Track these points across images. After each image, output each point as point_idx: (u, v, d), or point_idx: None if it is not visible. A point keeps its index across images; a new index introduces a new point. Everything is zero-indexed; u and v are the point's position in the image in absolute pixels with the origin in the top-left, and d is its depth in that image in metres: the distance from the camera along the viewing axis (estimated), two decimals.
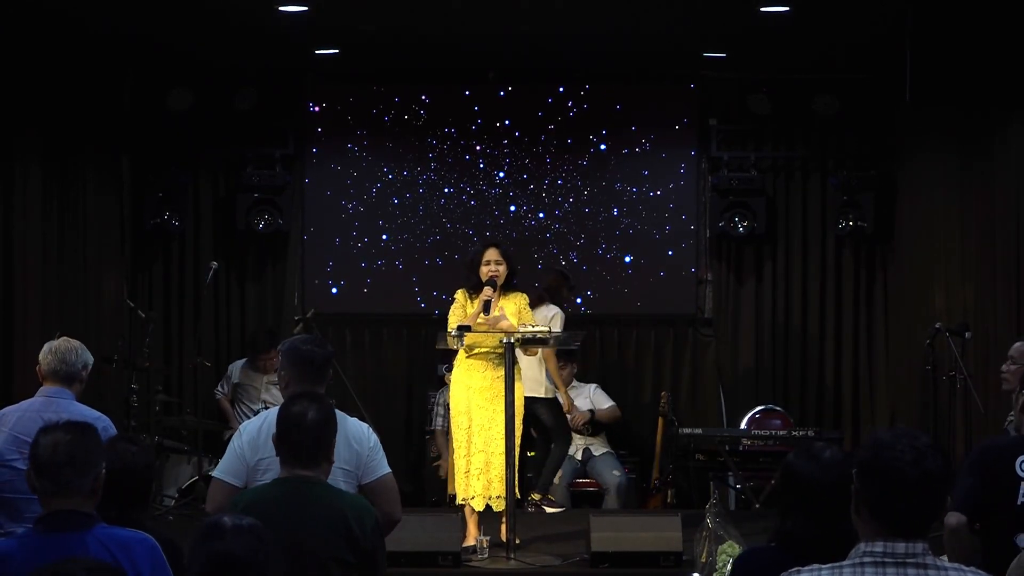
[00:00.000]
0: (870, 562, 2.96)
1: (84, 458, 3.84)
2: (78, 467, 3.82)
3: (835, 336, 11.02)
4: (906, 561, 2.95)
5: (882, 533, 2.98)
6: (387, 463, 4.92)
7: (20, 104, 9.04)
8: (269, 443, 4.48)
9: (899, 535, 2.96)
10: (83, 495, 3.82)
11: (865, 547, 2.99)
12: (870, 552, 2.97)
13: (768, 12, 8.64)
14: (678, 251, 11.08)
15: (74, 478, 3.82)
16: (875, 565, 2.96)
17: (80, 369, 5.71)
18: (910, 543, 2.96)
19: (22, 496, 5.47)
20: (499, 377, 7.63)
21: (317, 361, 4.89)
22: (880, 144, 10.85)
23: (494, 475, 7.62)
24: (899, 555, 2.95)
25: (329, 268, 11.06)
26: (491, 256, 7.71)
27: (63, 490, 3.82)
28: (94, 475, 3.84)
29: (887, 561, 2.95)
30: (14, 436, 5.54)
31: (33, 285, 9.13)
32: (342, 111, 11.03)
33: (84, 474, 3.83)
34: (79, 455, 3.84)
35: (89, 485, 3.83)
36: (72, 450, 3.84)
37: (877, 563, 2.96)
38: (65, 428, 3.92)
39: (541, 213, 11.05)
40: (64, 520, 3.79)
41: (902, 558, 2.95)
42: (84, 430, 3.93)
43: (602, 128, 11.02)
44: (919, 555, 2.95)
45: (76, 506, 3.81)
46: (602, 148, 11.04)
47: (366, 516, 4.24)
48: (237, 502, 4.31)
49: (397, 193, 11.05)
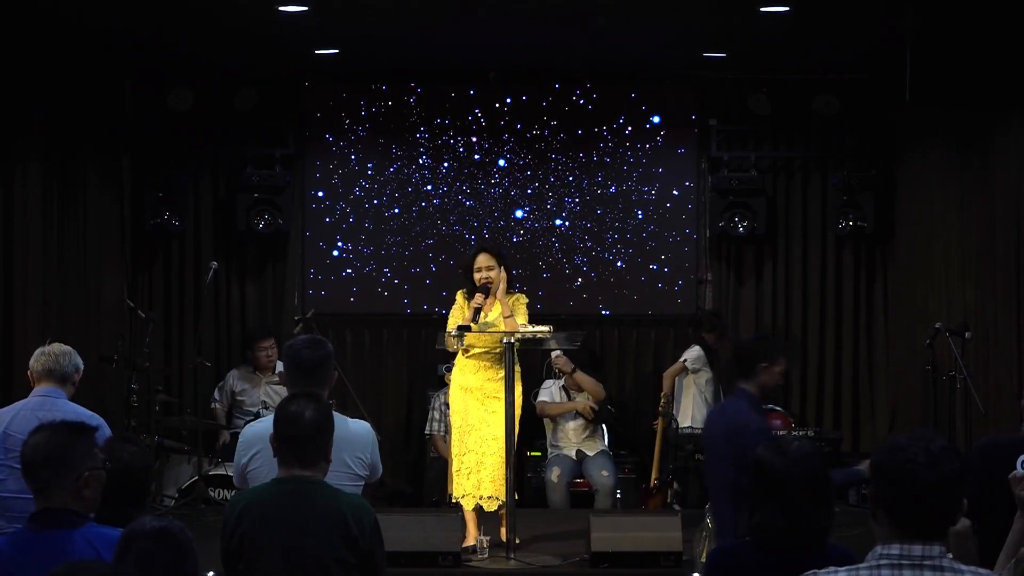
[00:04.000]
0: (887, 564, 2.97)
1: (62, 459, 3.85)
2: (54, 467, 3.85)
3: (835, 336, 11.03)
4: (923, 564, 2.95)
5: (899, 535, 2.98)
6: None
7: (21, 104, 9.04)
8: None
9: (916, 537, 2.97)
10: (67, 494, 3.84)
11: (882, 549, 2.99)
12: (887, 555, 2.97)
13: (768, 12, 8.64)
14: (678, 251, 11.08)
15: (52, 478, 3.85)
16: (892, 567, 2.96)
17: (72, 372, 5.77)
18: (927, 545, 2.96)
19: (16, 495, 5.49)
20: (491, 378, 7.66)
21: (306, 364, 4.87)
22: (880, 144, 10.85)
23: (485, 475, 7.64)
24: (916, 557, 2.95)
25: (329, 268, 11.06)
26: (482, 263, 7.74)
27: (44, 489, 3.86)
28: (75, 475, 3.84)
29: (904, 563, 2.95)
30: (8, 435, 5.57)
31: (33, 285, 9.13)
32: (342, 111, 11.03)
33: (62, 474, 3.84)
34: (56, 455, 3.86)
35: (70, 485, 3.84)
36: (50, 451, 3.87)
37: (894, 565, 2.96)
38: (50, 429, 3.94)
39: (541, 213, 11.05)
40: (51, 518, 3.83)
41: (919, 560, 2.95)
42: (71, 431, 3.94)
43: (602, 128, 11.02)
44: (936, 557, 2.96)
45: (63, 504, 3.83)
46: (602, 148, 11.04)
47: (365, 516, 4.24)
48: (236, 502, 4.31)
49: (397, 193, 11.04)
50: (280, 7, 8.53)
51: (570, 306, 10.96)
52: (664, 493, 9.84)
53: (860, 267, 11.03)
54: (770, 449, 3.83)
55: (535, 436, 10.29)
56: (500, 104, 11.02)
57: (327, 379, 4.90)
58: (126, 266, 10.83)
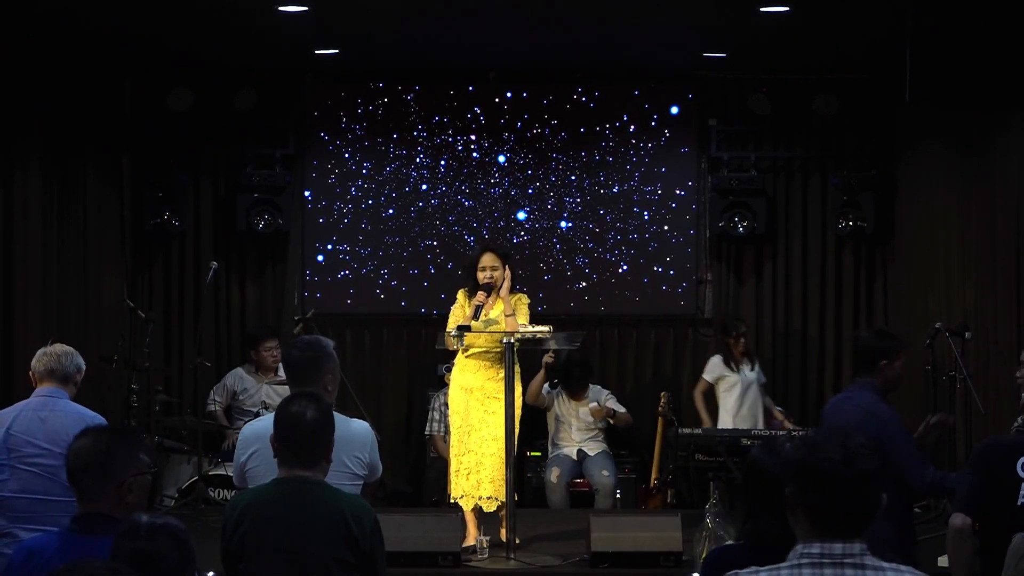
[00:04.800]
0: (807, 563, 2.97)
1: (104, 465, 3.86)
2: (95, 474, 3.85)
3: (835, 336, 11.02)
4: (844, 562, 2.95)
5: (818, 534, 2.98)
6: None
7: (20, 105, 9.03)
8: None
9: (836, 536, 2.97)
10: (108, 500, 3.84)
11: (803, 548, 2.99)
12: (807, 553, 2.98)
13: (768, 12, 8.64)
14: (678, 251, 11.07)
15: (93, 484, 3.85)
16: (813, 566, 2.96)
17: (74, 372, 5.78)
18: (847, 543, 2.96)
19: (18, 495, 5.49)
20: (491, 378, 7.66)
21: (300, 364, 4.87)
22: (880, 144, 10.85)
23: (484, 476, 7.65)
24: (836, 556, 2.96)
25: (329, 268, 11.06)
26: (487, 262, 7.75)
27: (85, 495, 3.87)
28: (117, 482, 3.85)
29: (825, 562, 2.96)
30: (10, 435, 5.57)
31: (33, 285, 9.12)
32: (342, 111, 11.03)
33: (104, 480, 3.85)
34: (97, 462, 3.86)
35: (112, 491, 3.85)
36: (92, 457, 3.87)
37: (815, 564, 2.96)
38: (94, 434, 3.95)
39: (541, 213, 11.05)
40: (90, 523, 3.84)
41: (839, 558, 2.95)
42: (114, 437, 3.94)
43: (602, 128, 11.02)
44: (857, 555, 2.96)
45: (104, 510, 3.83)
46: (601, 149, 11.03)
47: (365, 516, 4.24)
48: (236, 503, 4.31)
49: (397, 193, 11.04)
50: (280, 7, 8.53)
51: (570, 307, 10.96)
52: (664, 493, 9.85)
53: (860, 267, 11.03)
54: (764, 451, 3.82)
55: (535, 436, 10.30)
56: (500, 104, 11.02)
57: (319, 379, 4.84)
58: (126, 266, 10.83)
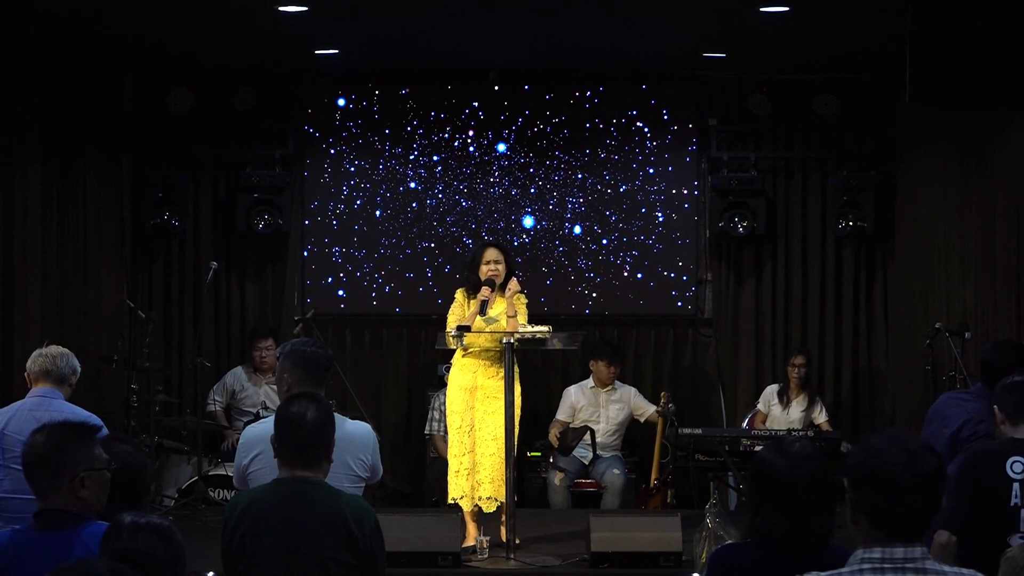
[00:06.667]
0: (868, 568, 2.94)
1: (56, 460, 3.84)
2: (48, 469, 3.84)
3: (835, 336, 11.02)
4: (905, 566, 2.93)
5: (879, 539, 2.96)
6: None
7: (20, 104, 9.03)
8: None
9: (896, 540, 2.95)
10: (63, 495, 3.83)
11: (863, 553, 2.97)
12: (868, 558, 2.95)
13: (768, 12, 8.64)
14: (678, 251, 11.07)
15: (46, 479, 3.84)
16: (874, 571, 2.94)
17: (69, 373, 5.79)
18: (908, 547, 2.95)
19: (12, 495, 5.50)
20: (491, 377, 7.65)
21: (322, 362, 4.93)
22: (880, 144, 10.85)
23: (483, 476, 7.64)
24: (898, 560, 2.93)
25: (329, 268, 11.05)
26: (491, 256, 7.76)
27: (40, 491, 3.86)
28: (69, 477, 3.83)
29: (886, 567, 2.93)
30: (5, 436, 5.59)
31: (33, 285, 9.12)
32: (342, 111, 11.03)
33: (56, 476, 3.83)
34: (50, 456, 3.85)
35: (64, 486, 3.83)
36: (44, 452, 3.86)
37: (876, 569, 2.94)
38: (48, 430, 3.94)
39: (541, 213, 11.04)
40: (49, 519, 3.83)
41: (900, 563, 2.93)
42: (69, 432, 3.93)
43: (602, 128, 11.02)
44: (918, 559, 2.94)
45: (60, 505, 3.82)
46: (602, 148, 11.03)
47: (365, 516, 4.24)
48: (236, 503, 4.31)
49: (397, 193, 11.04)
50: (280, 7, 8.53)
51: (571, 308, 10.96)
52: (664, 493, 9.84)
53: (860, 267, 11.03)
54: (771, 450, 3.83)
55: (535, 436, 10.29)
56: (500, 104, 11.01)
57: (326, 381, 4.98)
58: (126, 266, 10.83)
